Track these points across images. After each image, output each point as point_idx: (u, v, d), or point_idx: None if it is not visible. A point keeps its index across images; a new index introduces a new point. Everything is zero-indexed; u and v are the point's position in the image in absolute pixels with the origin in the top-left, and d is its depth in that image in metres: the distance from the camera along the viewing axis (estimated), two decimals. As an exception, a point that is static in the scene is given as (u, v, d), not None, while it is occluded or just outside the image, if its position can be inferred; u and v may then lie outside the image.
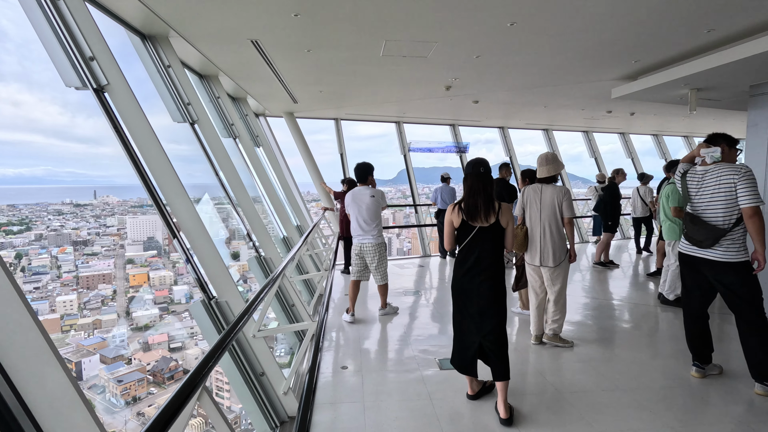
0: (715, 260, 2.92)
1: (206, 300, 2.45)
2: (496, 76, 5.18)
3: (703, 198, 2.95)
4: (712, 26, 3.42)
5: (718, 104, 5.87)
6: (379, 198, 4.51)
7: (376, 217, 4.52)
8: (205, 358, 1.33)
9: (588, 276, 6.64)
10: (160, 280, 6.84)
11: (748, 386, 3.07)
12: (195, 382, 1.20)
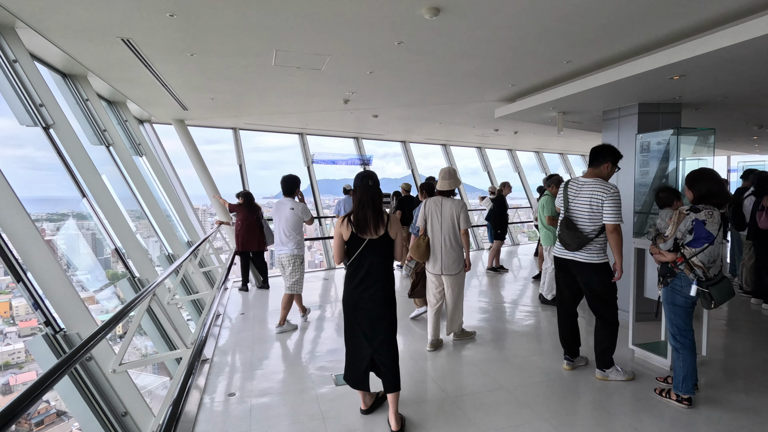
0: (582, 261, 3.28)
1: (51, 334, 2.08)
2: (390, 92, 5.35)
3: (577, 206, 3.28)
4: (569, 58, 3.90)
5: (581, 126, 6.73)
6: (299, 211, 4.57)
7: (295, 230, 4.57)
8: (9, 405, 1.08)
9: (481, 281, 7.11)
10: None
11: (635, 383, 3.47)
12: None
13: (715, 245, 2.80)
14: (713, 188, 2.81)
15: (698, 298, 2.87)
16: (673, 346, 3.06)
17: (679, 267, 2.89)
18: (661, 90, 4.27)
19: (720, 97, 4.71)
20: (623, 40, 3.46)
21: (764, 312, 5.11)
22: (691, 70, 3.61)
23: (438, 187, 4.07)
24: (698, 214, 2.79)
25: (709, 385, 3.32)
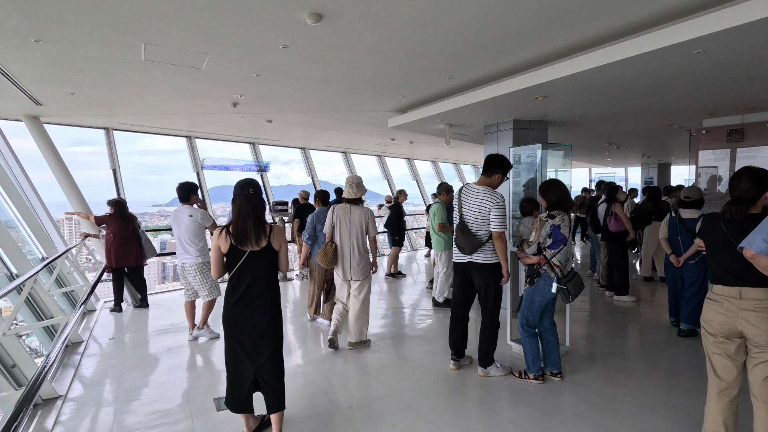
0: (479, 262, 3.47)
1: None
2: (282, 97, 5.19)
3: (469, 212, 3.45)
4: (451, 74, 4.15)
5: (468, 138, 7.24)
6: (198, 218, 4.40)
7: (197, 237, 4.39)
8: None
9: (381, 287, 7.21)
10: None
11: (486, 371, 3.72)
12: None
13: (568, 245, 3.22)
14: (560, 196, 3.26)
15: (557, 295, 3.26)
16: (522, 336, 3.48)
17: (543, 268, 3.26)
18: (531, 108, 4.75)
19: (577, 117, 5.40)
20: (498, 59, 3.77)
21: (615, 302, 5.95)
22: (552, 92, 4.07)
23: (345, 195, 4.18)
24: (554, 220, 3.21)
25: (572, 371, 3.72)
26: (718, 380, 2.37)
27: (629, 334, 4.72)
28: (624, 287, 6.00)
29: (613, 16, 2.88)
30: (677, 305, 4.72)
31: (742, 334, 2.25)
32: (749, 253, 2.03)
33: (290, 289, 7.13)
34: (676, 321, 4.74)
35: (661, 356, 4.05)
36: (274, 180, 9.76)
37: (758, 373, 2.22)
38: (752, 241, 2.01)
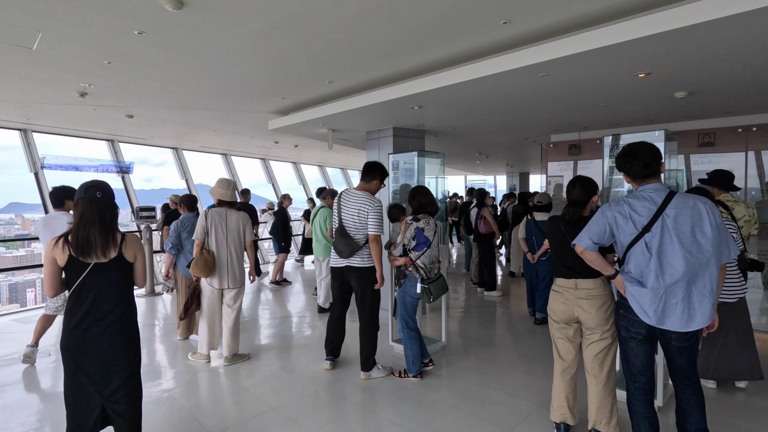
0: (356, 266, 3.53)
1: None
2: (142, 90, 4.63)
3: (348, 216, 3.50)
4: (332, 78, 4.14)
5: (351, 144, 7.34)
6: None
7: None
8: None
9: (265, 295, 6.87)
10: None
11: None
12: None
13: (432, 248, 3.42)
14: (424, 201, 3.48)
15: (422, 295, 3.43)
16: (402, 337, 3.60)
17: (408, 269, 3.42)
18: (408, 117, 4.99)
19: (450, 128, 5.83)
20: (376, 67, 3.86)
21: (486, 298, 6.54)
22: (426, 103, 4.32)
23: (219, 196, 3.86)
24: (419, 223, 3.41)
25: (449, 364, 3.95)
26: (561, 361, 2.72)
27: (497, 326, 5.21)
28: (492, 283, 6.63)
29: (481, 36, 3.15)
30: (534, 297, 5.36)
31: (578, 320, 2.61)
32: (579, 249, 2.36)
33: (160, 304, 6.39)
34: (533, 311, 5.38)
35: (521, 344, 4.54)
36: (144, 183, 8.74)
37: (590, 352, 2.60)
38: (581, 238, 2.34)
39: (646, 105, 4.47)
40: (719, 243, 2.12)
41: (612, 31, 2.71)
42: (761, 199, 4.95)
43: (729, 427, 2.84)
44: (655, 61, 3.11)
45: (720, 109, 4.75)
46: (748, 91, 3.92)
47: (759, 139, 4.93)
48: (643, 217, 2.20)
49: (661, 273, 2.14)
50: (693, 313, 2.13)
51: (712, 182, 3.81)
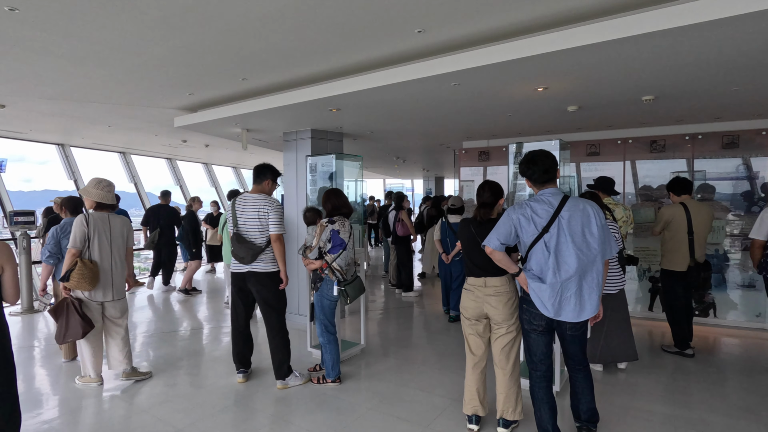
0: (258, 272, 3.44)
1: None
2: (16, 76, 4.02)
3: (246, 220, 3.42)
4: (245, 76, 3.95)
5: (267, 145, 7.09)
6: None
7: None
8: None
9: (174, 306, 6.32)
10: None
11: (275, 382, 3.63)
12: None
13: (348, 250, 3.43)
14: (336, 203, 3.50)
15: (339, 297, 3.43)
16: (321, 342, 3.56)
17: (324, 272, 3.40)
18: (327, 119, 4.93)
19: (368, 131, 5.89)
20: (293, 68, 3.75)
21: (403, 298, 6.69)
22: (343, 105, 4.30)
23: (99, 199, 3.48)
24: (334, 225, 3.39)
25: (368, 366, 3.96)
26: (472, 356, 2.86)
27: (414, 326, 5.35)
28: (410, 284, 6.81)
29: (397, 43, 3.21)
30: (448, 296, 5.59)
31: (487, 316, 2.77)
32: (488, 250, 2.51)
33: (41, 322, 5.57)
34: (448, 309, 5.61)
35: (436, 342, 4.71)
36: (22, 184, 7.58)
37: (498, 345, 2.77)
38: (490, 239, 2.49)
39: (544, 117, 4.92)
40: (604, 241, 2.38)
41: (515, 47, 2.93)
42: (636, 202, 5.71)
43: (612, 404, 3.21)
44: (551, 77, 3.42)
45: (603, 123, 5.38)
46: (627, 109, 4.50)
47: (634, 150, 5.68)
48: (543, 218, 2.40)
49: (557, 269, 2.35)
50: (584, 304, 2.37)
51: (598, 187, 4.29)
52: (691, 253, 4.05)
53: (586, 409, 2.66)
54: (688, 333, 4.17)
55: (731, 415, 3.04)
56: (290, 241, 5.45)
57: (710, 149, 5.26)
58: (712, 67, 3.14)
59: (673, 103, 4.26)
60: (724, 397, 3.32)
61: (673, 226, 4.11)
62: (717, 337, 4.77)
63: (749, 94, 3.90)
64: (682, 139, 5.38)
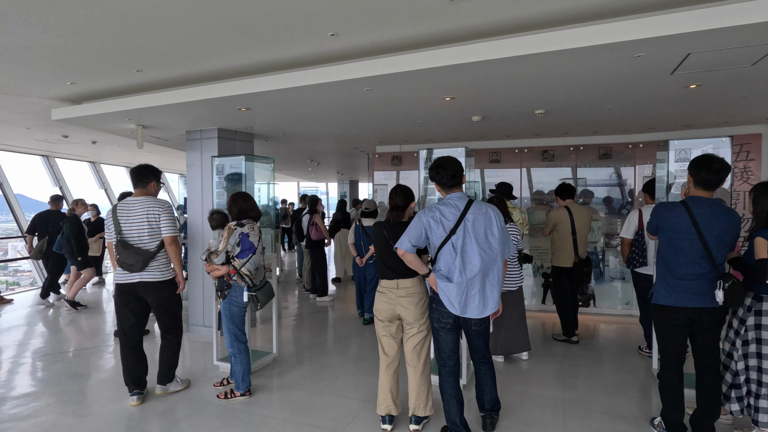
0: (151, 281, 3.26)
1: None
2: None
3: (133, 226, 3.22)
4: (140, 67, 3.59)
5: (168, 144, 6.53)
6: None
7: None
8: None
9: (57, 320, 5.48)
10: None
11: (209, 393, 3.36)
12: None
13: (257, 254, 3.30)
14: (244, 206, 3.37)
15: (249, 303, 3.30)
16: (231, 353, 3.39)
17: (233, 278, 3.24)
18: (235, 119, 4.69)
19: (281, 133, 5.72)
20: (197, 62, 3.50)
21: (318, 303, 6.59)
22: (253, 105, 4.13)
23: None
24: (243, 228, 3.25)
25: (280, 376, 3.82)
26: (385, 357, 2.91)
27: (329, 331, 5.29)
28: (324, 289, 6.74)
29: (310, 44, 3.15)
30: (362, 299, 5.63)
31: (399, 317, 2.84)
32: (400, 252, 2.58)
33: None
34: (362, 312, 5.65)
35: (351, 345, 4.71)
36: None
37: (410, 344, 2.85)
38: (402, 242, 2.57)
39: (452, 125, 5.20)
40: (503, 242, 2.58)
41: (425, 57, 3.05)
42: (531, 206, 6.29)
43: (512, 392, 3.48)
44: (458, 88, 3.63)
45: (503, 133, 5.85)
46: (523, 121, 4.93)
47: (529, 158, 6.26)
48: (450, 221, 2.53)
49: (463, 269, 2.49)
50: (486, 301, 2.54)
51: (498, 192, 4.65)
52: (575, 251, 4.56)
53: (490, 398, 2.85)
54: (574, 322, 4.68)
55: (608, 392, 3.48)
56: (196, 248, 5.08)
57: (590, 159, 5.99)
58: (590, 87, 3.58)
59: (560, 118, 4.77)
60: (602, 377, 3.78)
61: (560, 227, 4.59)
62: (596, 324, 5.43)
63: (618, 112, 4.52)
64: (567, 149, 6.05)
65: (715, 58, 2.87)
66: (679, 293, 2.57)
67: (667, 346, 2.69)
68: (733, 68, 3.09)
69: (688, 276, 2.55)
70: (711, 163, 2.54)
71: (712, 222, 2.50)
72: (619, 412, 3.14)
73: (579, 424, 2.98)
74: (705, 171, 2.54)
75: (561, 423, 3.00)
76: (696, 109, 4.42)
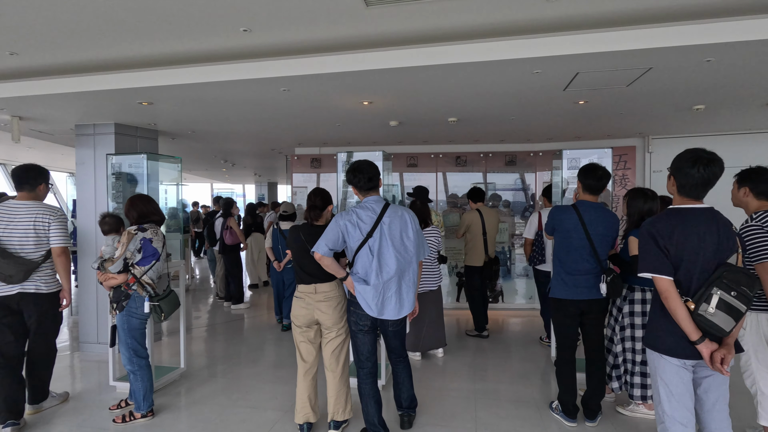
0: (32, 292, 2.94)
1: None
2: None
3: (16, 231, 2.89)
4: (13, 50, 3.12)
5: (54, 138, 5.78)
6: None
7: None
8: None
9: None
10: None
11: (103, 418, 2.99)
12: None
13: (161, 261, 3.06)
14: (144, 209, 3.09)
15: (151, 314, 3.04)
16: (130, 371, 3.09)
17: (132, 288, 2.96)
18: (136, 113, 4.28)
19: (190, 131, 5.34)
20: (88, 48, 3.12)
21: (233, 311, 6.26)
22: (157, 100, 3.81)
23: None
24: (145, 233, 2.99)
25: (189, 392, 3.55)
26: (303, 363, 2.85)
27: (245, 340, 5.04)
28: (240, 296, 6.42)
29: (221, 38, 2.98)
30: (281, 304, 5.46)
31: (318, 321, 2.79)
32: (317, 256, 2.55)
33: None
34: (281, 318, 5.48)
35: (269, 354, 4.54)
36: None
37: (328, 349, 2.82)
38: (318, 246, 2.53)
39: (370, 129, 5.26)
40: (418, 245, 2.67)
41: (341, 60, 3.05)
42: (446, 208, 6.59)
43: (429, 388, 3.61)
44: (375, 93, 3.69)
45: (420, 139, 6.06)
46: (438, 127, 5.15)
47: (444, 163, 6.56)
48: (367, 224, 2.55)
49: (380, 271, 2.53)
50: (403, 302, 2.60)
51: (416, 195, 4.80)
52: (486, 251, 4.87)
53: (407, 396, 2.92)
54: (484, 318, 4.98)
55: (515, 381, 3.75)
56: (87, 255, 4.54)
57: (497, 165, 6.44)
58: (497, 99, 3.85)
59: (470, 126, 5.07)
60: (510, 368, 4.07)
61: (472, 228, 4.87)
62: (505, 318, 5.84)
63: (521, 123, 4.92)
64: (478, 156, 6.45)
65: (598, 78, 3.25)
66: (571, 287, 2.86)
67: (562, 336, 2.98)
68: (612, 88, 3.53)
69: (579, 271, 2.84)
70: (595, 171, 2.87)
71: (597, 223, 2.82)
72: (523, 399, 3.40)
73: (488, 414, 3.17)
74: (590, 178, 2.87)
75: (473, 414, 3.17)
76: (584, 123, 4.97)
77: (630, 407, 3.11)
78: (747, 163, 2.74)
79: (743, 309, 1.78)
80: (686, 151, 1.93)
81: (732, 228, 1.94)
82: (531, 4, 2.47)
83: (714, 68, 3.03)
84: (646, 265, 1.91)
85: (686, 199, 1.94)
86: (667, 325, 1.91)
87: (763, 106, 4.13)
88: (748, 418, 2.85)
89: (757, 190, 2.48)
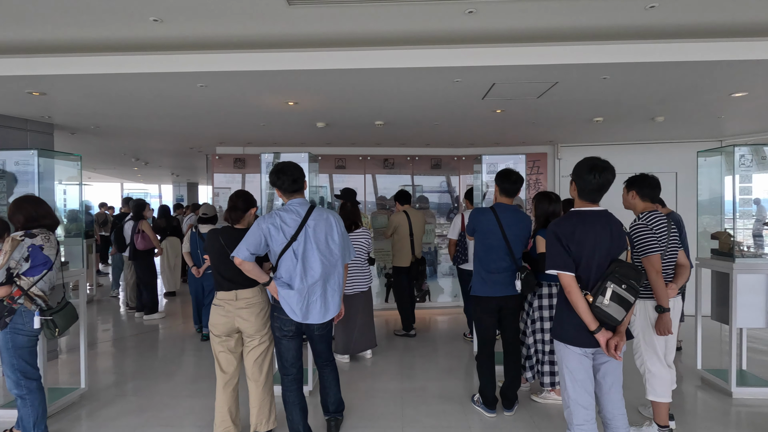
0: None
1: None
2: None
3: None
4: None
5: None
6: None
7: None
8: None
9: None
10: None
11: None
12: None
13: (54, 270, 2.74)
14: (34, 213, 2.72)
15: (42, 330, 2.69)
16: (17, 395, 2.70)
17: (17, 302, 2.60)
18: (26, 104, 3.79)
19: (93, 126, 4.84)
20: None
21: (146, 322, 5.77)
22: (51, 90, 3.40)
23: None
24: (34, 239, 2.65)
25: (91, 416, 3.20)
26: (223, 374, 2.70)
27: (159, 353, 4.67)
28: (153, 305, 5.94)
29: (127, 27, 2.72)
30: (200, 312, 5.14)
31: (239, 330, 2.66)
32: (238, 261, 2.43)
33: None
34: (200, 328, 5.15)
35: (187, 366, 4.25)
36: None
37: (250, 358, 2.70)
38: (239, 250, 2.42)
39: (297, 130, 5.15)
40: (344, 248, 2.65)
41: (263, 59, 2.94)
42: (375, 210, 6.64)
43: (357, 390, 3.60)
44: (300, 94, 3.61)
45: (348, 141, 6.05)
46: (366, 130, 5.18)
47: (372, 165, 6.61)
48: (291, 227, 2.48)
49: (304, 275, 2.47)
50: (328, 306, 2.57)
51: (343, 197, 4.78)
52: (413, 251, 4.98)
53: (334, 400, 2.89)
54: (412, 317, 5.10)
55: (441, 378, 3.87)
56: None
57: (424, 168, 6.64)
58: (420, 104, 3.96)
59: (397, 129, 5.16)
60: (436, 365, 4.20)
61: (399, 230, 4.96)
62: (431, 317, 6.02)
63: (445, 128, 5.11)
64: (405, 159, 6.59)
65: (512, 89, 3.48)
66: (490, 285, 3.02)
67: (482, 331, 3.14)
68: (525, 99, 3.79)
69: (497, 270, 3.01)
70: (510, 176, 3.06)
71: (512, 224, 3.01)
72: (448, 394, 3.52)
73: (415, 411, 3.24)
74: (506, 182, 3.06)
75: (400, 412, 3.22)
76: (501, 130, 5.29)
77: (542, 395, 3.36)
78: (636, 170, 3.09)
79: (632, 300, 2.00)
80: (584, 159, 2.13)
81: (623, 228, 2.18)
82: (453, 15, 2.57)
83: (609, 85, 3.38)
84: (553, 263, 2.08)
85: (585, 202, 2.14)
86: (570, 317, 2.09)
87: (649, 120, 4.69)
88: (640, 396, 3.21)
89: (642, 193, 2.80)
